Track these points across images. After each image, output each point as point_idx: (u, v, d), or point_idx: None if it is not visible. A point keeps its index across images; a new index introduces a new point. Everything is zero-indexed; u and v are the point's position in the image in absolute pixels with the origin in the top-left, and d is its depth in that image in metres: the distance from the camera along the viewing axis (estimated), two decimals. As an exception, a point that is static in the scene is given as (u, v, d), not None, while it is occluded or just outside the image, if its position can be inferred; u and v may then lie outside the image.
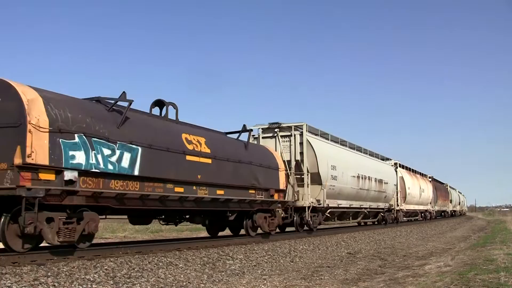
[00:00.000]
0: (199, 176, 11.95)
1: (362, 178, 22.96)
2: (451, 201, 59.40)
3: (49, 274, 7.51)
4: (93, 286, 7.55)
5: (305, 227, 18.31)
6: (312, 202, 17.65)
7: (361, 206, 23.62)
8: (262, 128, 18.53)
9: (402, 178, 32.94)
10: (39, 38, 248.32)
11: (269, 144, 17.91)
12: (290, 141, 18.04)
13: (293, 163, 17.82)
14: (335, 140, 22.15)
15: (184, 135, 11.91)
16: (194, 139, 12.18)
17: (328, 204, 18.85)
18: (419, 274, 10.17)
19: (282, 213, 16.35)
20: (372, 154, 28.36)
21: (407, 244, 19.97)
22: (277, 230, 16.77)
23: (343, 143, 23.58)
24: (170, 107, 12.44)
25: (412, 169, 39.60)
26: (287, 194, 17.00)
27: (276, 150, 17.55)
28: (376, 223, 28.37)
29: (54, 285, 7.13)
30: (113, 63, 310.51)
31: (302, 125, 18.12)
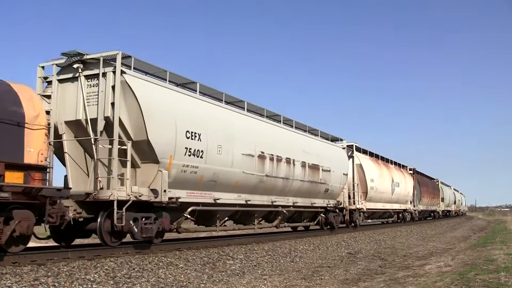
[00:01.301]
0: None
1: (270, 159, 15.10)
2: (442, 200, 51.13)
3: (49, 274, 7.51)
4: (93, 286, 7.54)
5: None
6: (133, 194, 10.21)
7: (273, 203, 15.79)
8: (57, 65, 11.11)
9: (360, 166, 23.89)
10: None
11: (69, 91, 10.91)
12: (99, 85, 10.59)
13: (100, 124, 10.44)
14: (199, 90, 13.19)
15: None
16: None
17: (175, 198, 11.30)
18: (419, 274, 10.16)
19: None
20: (303, 129, 19.33)
21: (407, 244, 19.96)
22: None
23: (231, 100, 14.87)
24: None
25: (381, 156, 29.08)
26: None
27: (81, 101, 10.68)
28: (311, 228, 20.88)
29: (54, 285, 7.13)
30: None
31: (115, 55, 10.56)
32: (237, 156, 13.44)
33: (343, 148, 22.83)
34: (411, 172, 36.17)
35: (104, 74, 10.49)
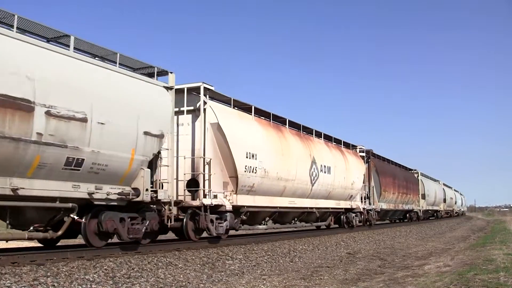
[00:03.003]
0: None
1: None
2: (423, 197, 39.92)
3: (48, 274, 7.51)
4: (93, 286, 7.55)
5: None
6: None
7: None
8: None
9: (218, 128, 13.18)
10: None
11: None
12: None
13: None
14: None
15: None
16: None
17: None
18: (418, 274, 10.17)
19: None
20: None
21: (406, 244, 19.96)
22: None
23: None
24: None
25: (290, 121, 17.81)
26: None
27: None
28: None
29: (54, 285, 7.13)
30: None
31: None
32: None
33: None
34: (363, 155, 24.99)
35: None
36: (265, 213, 15.98)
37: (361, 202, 23.98)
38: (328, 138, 21.54)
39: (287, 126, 17.49)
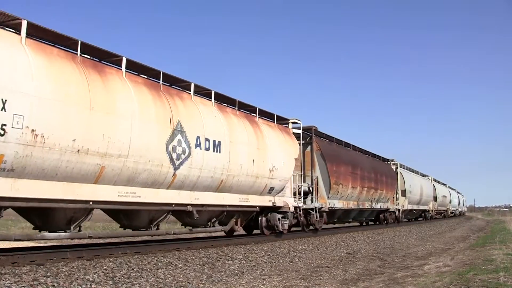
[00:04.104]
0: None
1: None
2: (404, 194, 32.85)
3: (48, 274, 7.51)
4: (93, 286, 7.55)
5: None
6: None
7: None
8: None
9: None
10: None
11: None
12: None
13: None
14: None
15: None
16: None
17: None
18: (418, 274, 10.17)
19: None
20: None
21: (406, 244, 19.96)
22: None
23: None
24: None
25: (164, 73, 11.53)
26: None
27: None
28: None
29: (54, 285, 7.13)
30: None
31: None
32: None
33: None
34: (299, 132, 18.01)
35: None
36: (61, 212, 9.24)
37: (294, 198, 17.02)
38: (227, 101, 14.09)
39: (123, 69, 10.46)
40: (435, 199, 44.72)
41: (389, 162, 32.29)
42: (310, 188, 18.91)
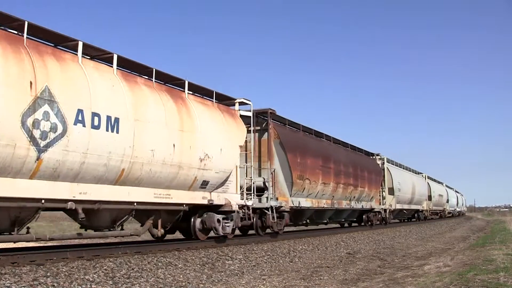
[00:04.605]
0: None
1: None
2: (392, 191, 29.38)
3: (48, 274, 7.50)
4: (93, 286, 7.54)
5: None
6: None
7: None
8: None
9: None
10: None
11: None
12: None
13: None
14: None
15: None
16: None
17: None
18: (418, 274, 10.17)
19: None
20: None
21: (406, 244, 19.96)
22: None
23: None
24: None
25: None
26: None
27: None
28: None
29: (54, 285, 7.12)
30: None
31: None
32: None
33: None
34: (249, 114, 14.79)
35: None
36: None
37: (242, 195, 14.10)
38: (139, 70, 11.07)
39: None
40: (429, 198, 41.21)
41: (374, 157, 28.56)
42: (266, 184, 15.56)
